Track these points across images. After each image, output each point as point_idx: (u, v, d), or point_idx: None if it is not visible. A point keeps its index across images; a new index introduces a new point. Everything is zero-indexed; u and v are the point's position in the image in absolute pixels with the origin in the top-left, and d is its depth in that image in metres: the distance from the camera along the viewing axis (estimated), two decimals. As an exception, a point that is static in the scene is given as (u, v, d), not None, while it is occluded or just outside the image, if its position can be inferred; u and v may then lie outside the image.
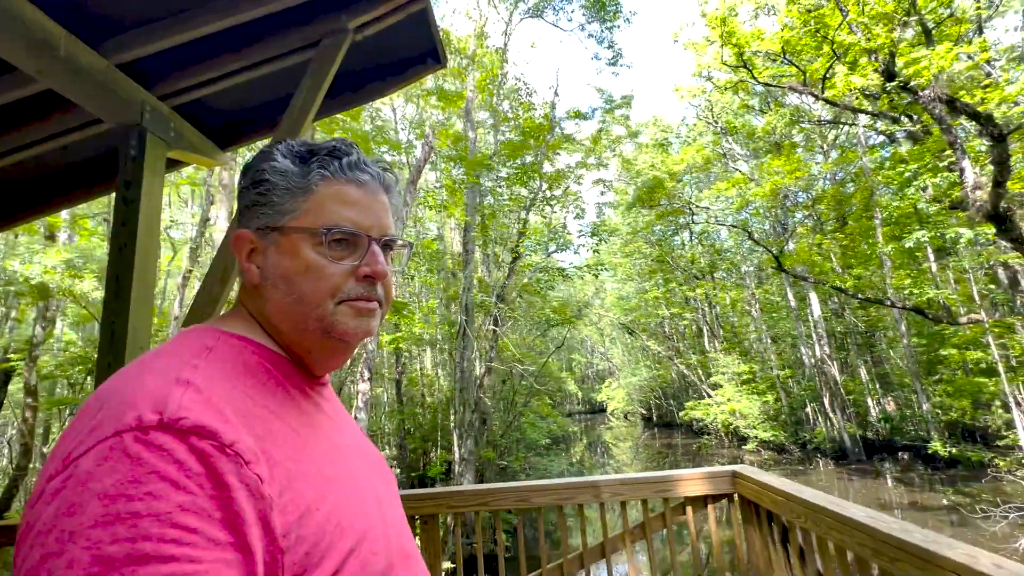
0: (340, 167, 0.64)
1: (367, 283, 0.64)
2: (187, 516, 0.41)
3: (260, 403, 0.55)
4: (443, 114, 12.05)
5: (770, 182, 13.27)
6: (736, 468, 2.29)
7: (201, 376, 0.51)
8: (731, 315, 25.21)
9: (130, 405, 0.45)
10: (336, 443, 0.63)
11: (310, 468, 0.54)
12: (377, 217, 0.66)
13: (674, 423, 27.82)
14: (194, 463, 0.43)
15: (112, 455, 0.41)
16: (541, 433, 11.48)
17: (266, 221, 0.64)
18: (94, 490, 0.40)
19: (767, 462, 16.69)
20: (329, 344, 0.65)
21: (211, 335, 0.59)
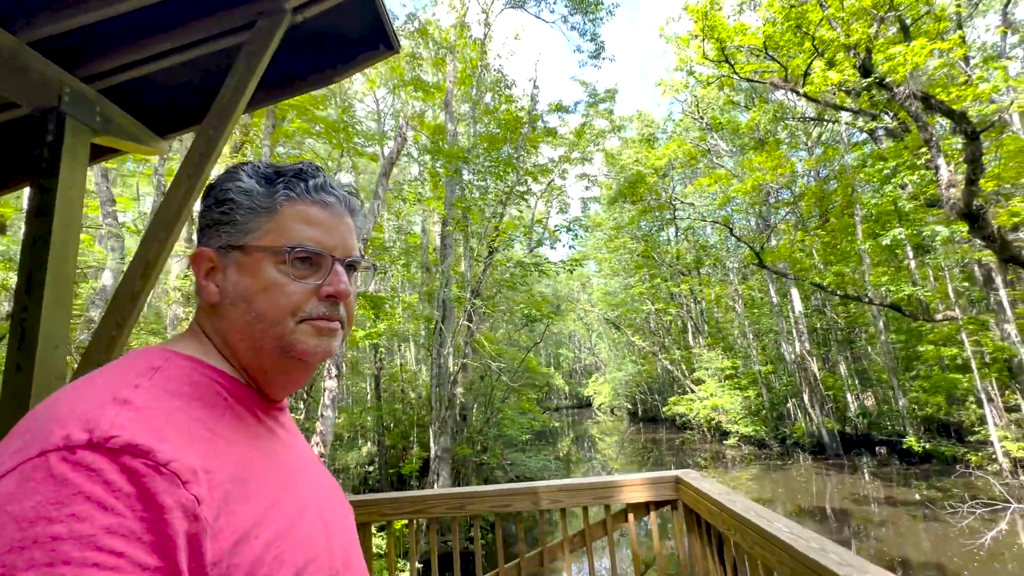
0: (306, 188, 0.65)
1: (329, 303, 0.64)
2: (113, 539, 0.39)
3: (205, 425, 0.53)
4: (423, 105, 11.85)
5: (751, 178, 13.26)
6: (679, 473, 2.20)
7: (141, 395, 0.50)
8: (716, 311, 25.36)
9: (59, 423, 0.44)
10: (287, 468, 0.62)
11: (253, 492, 0.53)
12: (341, 238, 0.66)
13: (659, 418, 28.00)
14: (124, 483, 0.42)
15: (35, 476, 0.40)
16: (520, 429, 11.42)
17: (228, 240, 0.63)
18: (12, 513, 0.38)
19: (747, 457, 16.83)
20: (287, 364, 0.64)
21: (160, 355, 0.58)
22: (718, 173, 15.63)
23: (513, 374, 11.07)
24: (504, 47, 16.65)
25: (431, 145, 9.42)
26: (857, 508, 10.28)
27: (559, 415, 43.68)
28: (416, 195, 9.91)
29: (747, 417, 18.08)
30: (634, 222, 21.31)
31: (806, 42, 9.18)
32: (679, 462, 17.39)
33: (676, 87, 16.51)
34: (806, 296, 18.05)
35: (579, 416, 41.22)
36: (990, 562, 7.01)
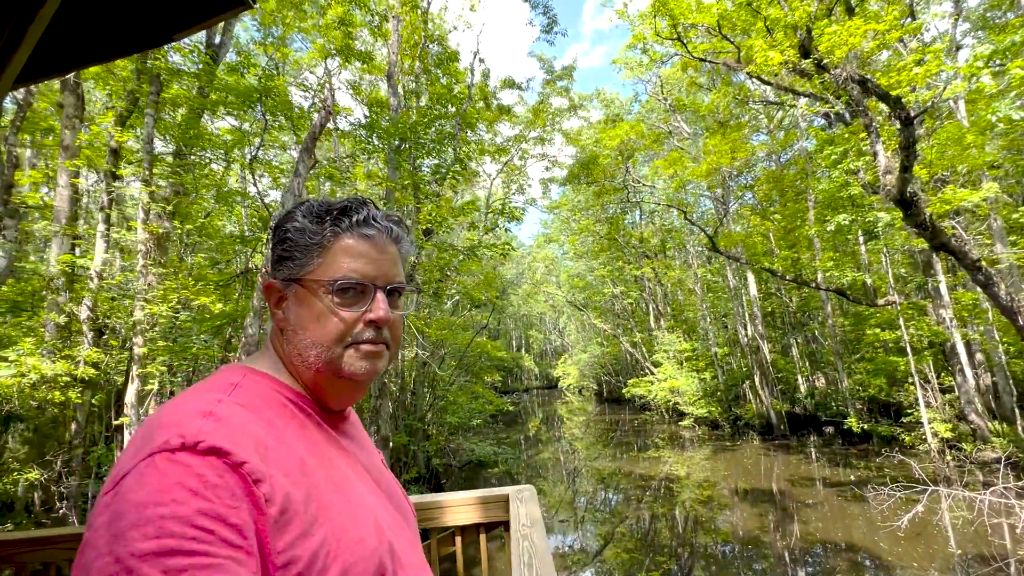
0: (351, 224, 0.73)
1: (373, 327, 0.73)
2: (205, 519, 0.50)
3: (273, 433, 0.63)
4: (355, 76, 11.21)
5: (705, 161, 13.15)
6: (512, 491, 1.98)
7: (223, 408, 0.61)
8: (679, 294, 25.64)
9: (162, 431, 0.55)
10: (344, 473, 0.70)
11: (313, 493, 0.61)
12: (383, 268, 0.74)
13: (623, 399, 28.45)
14: (212, 476, 0.52)
15: (147, 472, 0.52)
16: (467, 414, 11.24)
17: (288, 273, 0.74)
18: (131, 500, 0.50)
19: (702, 438, 17.17)
20: (338, 383, 0.74)
21: (239, 372, 0.71)
22: (673, 155, 15.49)
23: (461, 358, 10.81)
24: (460, 19, 15.92)
25: (369, 119, 8.88)
26: (793, 488, 10.54)
27: (529, 396, 44.13)
28: (338, 173, 9.40)
29: (702, 399, 18.40)
30: (592, 204, 21.15)
31: (759, 22, 8.98)
32: (640, 443, 17.63)
33: (631, 64, 16.19)
34: (762, 280, 18.31)
35: (549, 397, 41.58)
36: (903, 542, 7.23)
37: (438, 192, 9.18)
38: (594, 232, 23.23)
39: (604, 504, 11.12)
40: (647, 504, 10.57)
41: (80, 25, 2.84)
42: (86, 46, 2.99)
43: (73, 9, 2.77)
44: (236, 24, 10.80)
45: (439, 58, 11.15)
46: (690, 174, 14.61)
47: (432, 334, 10.26)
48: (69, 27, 2.91)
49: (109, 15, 2.93)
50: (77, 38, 2.91)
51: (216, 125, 10.29)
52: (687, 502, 10.46)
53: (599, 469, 13.91)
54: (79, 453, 6.22)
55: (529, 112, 15.62)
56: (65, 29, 2.93)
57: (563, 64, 16.98)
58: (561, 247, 28.77)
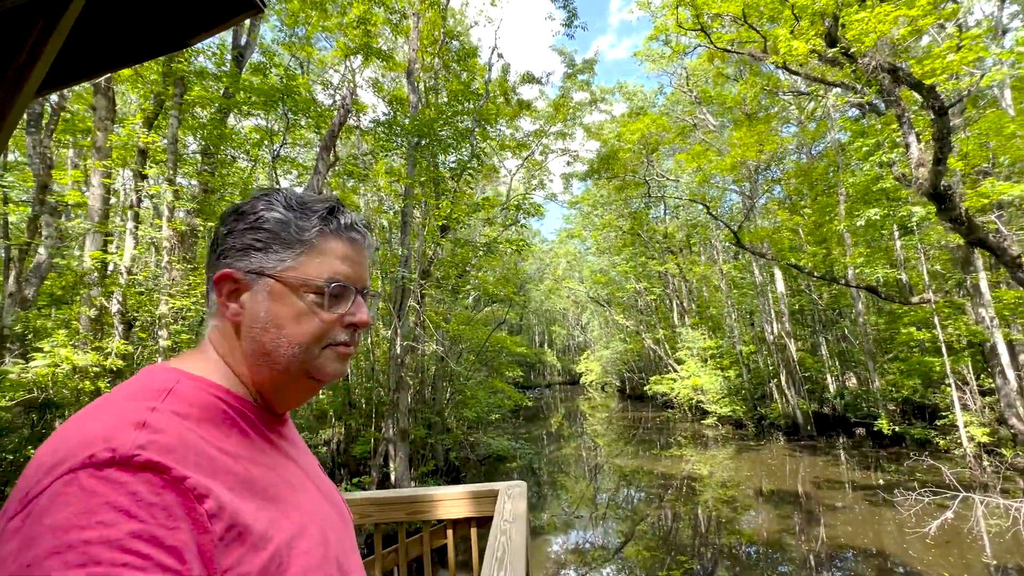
0: (339, 226, 0.71)
1: (351, 330, 0.71)
2: (139, 543, 0.44)
3: (213, 444, 0.58)
4: (378, 74, 11.33)
5: (730, 155, 12.81)
6: (503, 487, 2.00)
7: (157, 417, 0.54)
8: (704, 290, 25.14)
9: (84, 445, 0.49)
10: (290, 482, 0.66)
11: (259, 506, 0.58)
12: (362, 272, 0.73)
13: (645, 396, 28.13)
14: (147, 495, 0.47)
15: (66, 491, 0.45)
16: (485, 409, 11.31)
17: (260, 266, 0.67)
18: (47, 525, 0.43)
19: (725, 437, 16.85)
20: (306, 384, 0.70)
21: (171, 376, 0.63)
22: (697, 148, 15.14)
23: (480, 353, 10.88)
24: (481, 14, 15.88)
25: (391, 116, 8.99)
26: (820, 491, 10.24)
27: (551, 391, 44.04)
28: (359, 170, 9.54)
29: (726, 397, 18.03)
30: (615, 199, 20.89)
31: (786, 10, 8.68)
32: (662, 441, 17.43)
33: (653, 57, 15.86)
34: (790, 277, 17.78)
35: (571, 392, 41.43)
36: (933, 550, 6.95)
37: (455, 188, 9.23)
38: (617, 227, 22.97)
39: (625, 501, 11.05)
40: (669, 502, 10.45)
41: (96, 33, 2.96)
42: (102, 54, 3.12)
43: (89, 18, 2.89)
44: (262, 25, 11.06)
45: (459, 54, 11.18)
46: (715, 167, 14.27)
47: (451, 329, 10.36)
48: (85, 36, 3.03)
49: (124, 23, 3.05)
50: (93, 46, 3.03)
51: (243, 124, 10.59)
52: (709, 501, 10.30)
53: (620, 466, 13.82)
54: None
55: (550, 107, 15.48)
56: (81, 38, 3.05)
57: (585, 58, 16.76)
58: (583, 242, 28.54)
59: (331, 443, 10.09)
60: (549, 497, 11.32)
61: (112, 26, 3.06)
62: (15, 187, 8.94)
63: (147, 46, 3.12)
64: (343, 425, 11.34)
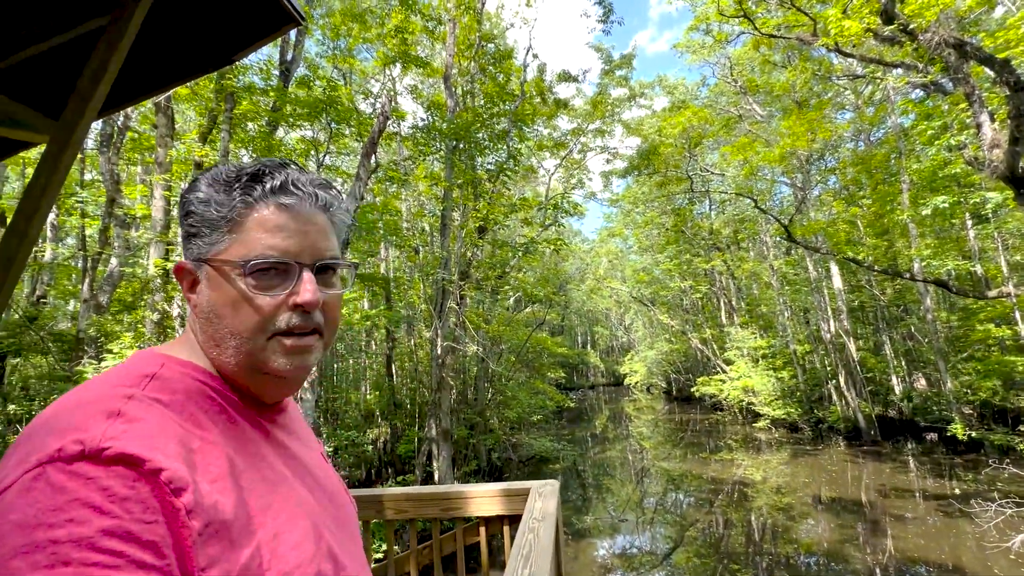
0: (264, 192, 0.61)
1: (300, 313, 0.61)
2: (111, 540, 0.42)
3: (197, 432, 0.55)
4: (417, 81, 11.57)
5: (779, 145, 12.21)
6: (533, 484, 1.97)
7: (133, 406, 0.51)
8: (754, 287, 24.10)
9: (55, 436, 0.46)
10: (280, 472, 0.62)
11: (243, 498, 0.54)
12: (309, 241, 0.63)
13: (693, 398, 27.28)
14: (119, 488, 0.44)
15: (34, 486, 0.43)
16: (522, 410, 11.29)
17: (197, 253, 0.63)
18: (14, 521, 0.41)
19: (779, 440, 16.08)
20: (261, 379, 0.64)
21: (155, 361, 0.60)
22: (743, 140, 14.52)
23: (519, 354, 10.87)
24: (516, 15, 15.90)
25: (429, 121, 9.16)
26: (885, 500, 9.57)
27: (595, 393, 43.46)
28: (399, 175, 9.75)
29: (779, 399, 17.19)
30: (657, 196, 20.34)
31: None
32: (712, 444, 16.86)
33: (694, 48, 15.35)
34: (849, 272, 16.75)
35: (615, 394, 40.74)
36: (1021, 566, 6.34)
37: (493, 190, 9.29)
38: (659, 224, 22.40)
39: (674, 506, 10.75)
40: (719, 508, 10.08)
41: (149, 55, 3.16)
42: (155, 74, 3.33)
43: (143, 40, 3.09)
44: (307, 40, 11.54)
45: (495, 56, 11.26)
46: (763, 159, 13.64)
47: (491, 330, 10.43)
48: (140, 58, 3.24)
49: (175, 44, 3.23)
50: (148, 67, 3.24)
51: (291, 136, 11.08)
52: (763, 508, 9.84)
53: (668, 469, 13.45)
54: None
55: (587, 104, 15.28)
56: (137, 60, 3.26)
57: (623, 53, 16.44)
58: (625, 241, 28.00)
59: (378, 442, 10.34)
60: (594, 500, 11.15)
61: (164, 47, 3.25)
62: (89, 202, 9.74)
63: (196, 64, 3.30)
64: (389, 425, 11.62)
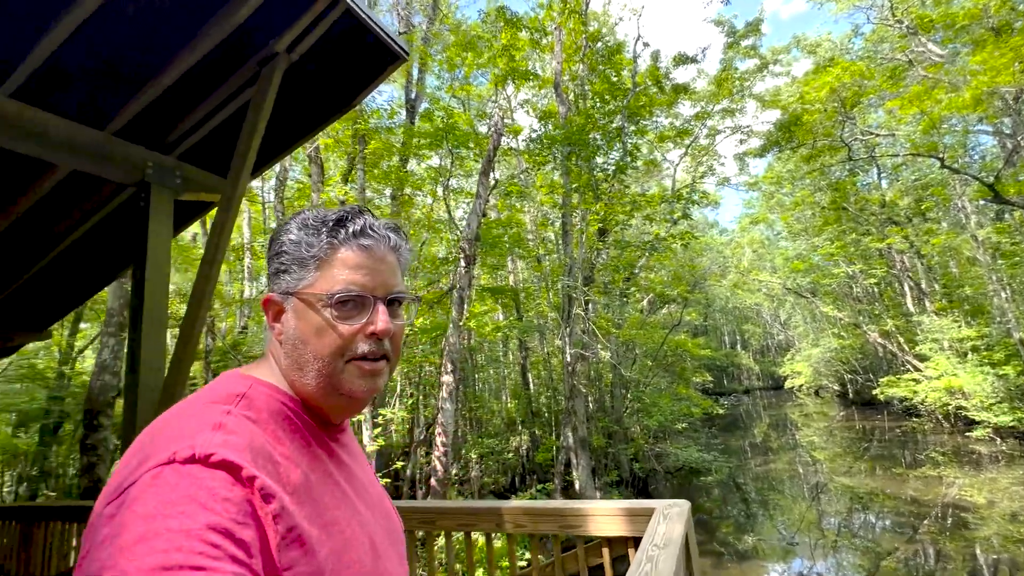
0: (347, 235, 0.71)
1: (374, 340, 0.70)
2: (213, 534, 0.48)
3: (278, 448, 0.62)
4: (530, 94, 11.75)
5: (971, 86, 9.78)
6: (659, 504, 1.75)
7: (231, 421, 0.60)
8: (951, 265, 19.65)
9: (170, 442, 0.54)
10: (344, 489, 0.70)
11: (316, 511, 0.61)
12: (382, 278, 0.72)
13: (876, 401, 23.06)
14: (221, 490, 0.51)
15: (154, 483, 0.51)
16: (662, 417, 10.51)
17: (285, 287, 0.72)
18: (138, 512, 0.48)
19: (1007, 453, 12.74)
20: (337, 399, 0.71)
21: (243, 382, 0.69)
22: (915, 90, 11.92)
23: (655, 358, 10.23)
24: (624, 8, 15.31)
25: (542, 132, 9.26)
26: None
27: (751, 398, 39.20)
28: (518, 187, 9.90)
29: (1003, 402, 13.63)
30: (807, 172, 17.67)
31: None
32: (908, 457, 14.07)
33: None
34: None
35: (776, 399, 36.32)
36: None
37: (611, 189, 8.97)
38: (813, 204, 19.53)
39: (862, 529, 9.12)
40: (927, 535, 8.29)
41: (283, 116, 3.65)
42: (291, 130, 3.82)
43: (278, 103, 3.57)
44: (428, 76, 12.54)
45: (604, 53, 10.97)
46: (948, 107, 11.07)
47: (622, 335, 10.02)
48: (276, 121, 3.76)
49: (301, 102, 3.68)
50: (284, 127, 3.75)
51: (421, 166, 12.08)
52: (993, 539, 7.86)
53: (851, 486, 11.50)
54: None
55: (711, 84, 14.02)
56: (275, 120, 3.78)
57: (747, 20, 14.79)
58: (771, 227, 25.01)
59: (519, 450, 10.55)
60: (759, 517, 9.97)
61: (296, 103, 3.70)
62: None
63: (323, 113, 3.69)
64: (528, 432, 11.80)
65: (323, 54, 3.30)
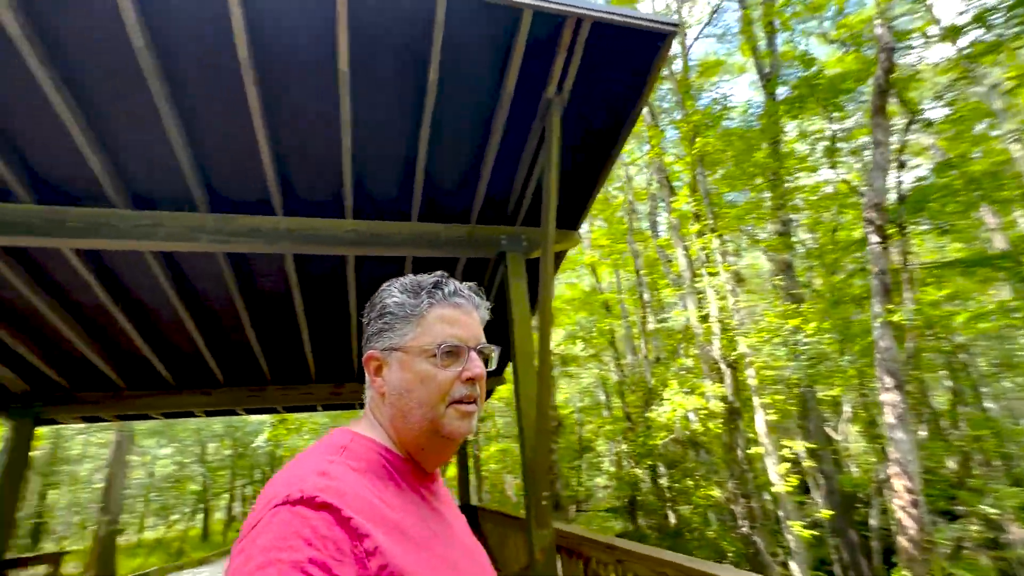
0: (443, 295, 0.82)
1: (469, 384, 0.79)
2: (313, 567, 0.55)
3: (376, 494, 0.69)
4: None
5: None
6: None
7: (335, 468, 0.69)
8: None
9: (287, 487, 0.63)
10: (435, 534, 0.75)
11: (408, 553, 0.66)
12: (472, 331, 0.82)
13: None
14: (323, 529, 0.59)
15: (272, 521, 0.59)
16: None
17: (389, 343, 0.81)
18: (259, 545, 0.57)
19: None
20: (438, 442, 0.79)
21: (347, 436, 0.78)
22: None
23: None
24: None
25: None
26: None
27: None
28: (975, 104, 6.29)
29: None
30: None
31: None
32: None
33: None
34: None
35: None
36: None
37: None
38: None
39: None
40: None
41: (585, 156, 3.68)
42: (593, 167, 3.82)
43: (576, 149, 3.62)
44: (780, 39, 10.60)
45: None
46: None
47: None
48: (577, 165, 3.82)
49: (590, 132, 3.64)
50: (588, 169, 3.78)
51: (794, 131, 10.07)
52: None
53: None
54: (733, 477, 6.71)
55: None
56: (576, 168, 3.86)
57: None
58: None
59: None
60: None
61: (588, 138, 3.62)
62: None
63: (611, 137, 3.53)
64: None
65: (592, 76, 3.22)
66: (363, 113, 2.95)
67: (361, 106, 2.90)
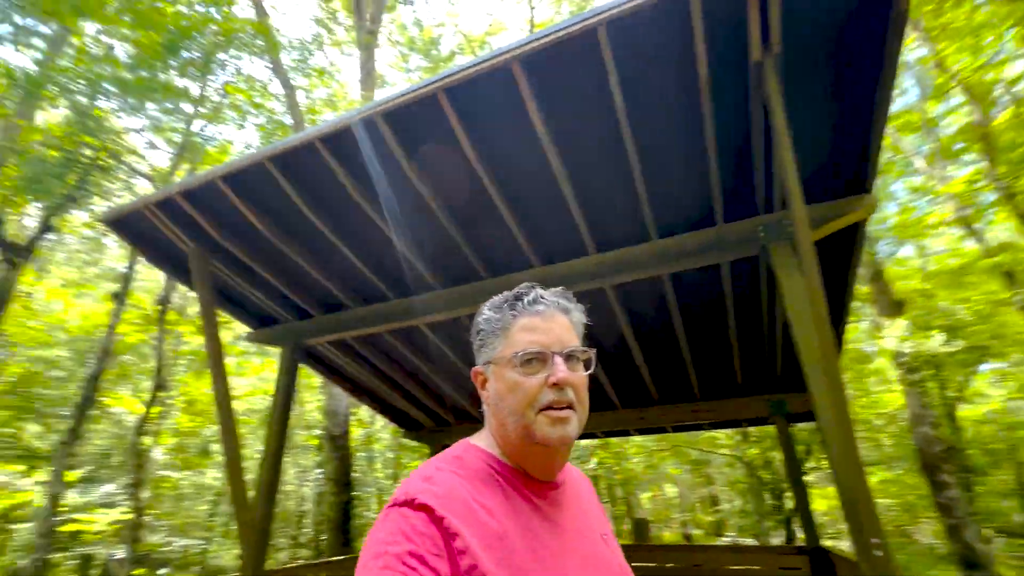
0: (523, 306, 0.86)
1: (557, 390, 0.80)
2: (412, 558, 0.65)
3: (477, 499, 0.76)
4: None
5: None
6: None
7: (439, 475, 0.78)
8: None
9: (400, 491, 0.75)
10: (546, 542, 0.77)
11: (506, 556, 0.71)
12: (556, 335, 0.83)
13: None
14: (420, 526, 0.69)
15: (385, 519, 0.72)
16: None
17: (485, 358, 0.88)
18: (374, 538, 0.70)
19: None
20: (535, 449, 0.82)
21: (462, 447, 0.87)
22: None
23: None
24: None
25: None
26: None
27: None
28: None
29: None
30: None
31: None
32: None
33: None
34: None
35: None
36: None
37: None
38: None
39: None
40: None
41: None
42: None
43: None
44: None
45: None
46: None
47: None
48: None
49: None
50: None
51: None
52: None
53: None
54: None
55: None
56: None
57: None
58: None
59: None
60: None
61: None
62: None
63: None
64: None
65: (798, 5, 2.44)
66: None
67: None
